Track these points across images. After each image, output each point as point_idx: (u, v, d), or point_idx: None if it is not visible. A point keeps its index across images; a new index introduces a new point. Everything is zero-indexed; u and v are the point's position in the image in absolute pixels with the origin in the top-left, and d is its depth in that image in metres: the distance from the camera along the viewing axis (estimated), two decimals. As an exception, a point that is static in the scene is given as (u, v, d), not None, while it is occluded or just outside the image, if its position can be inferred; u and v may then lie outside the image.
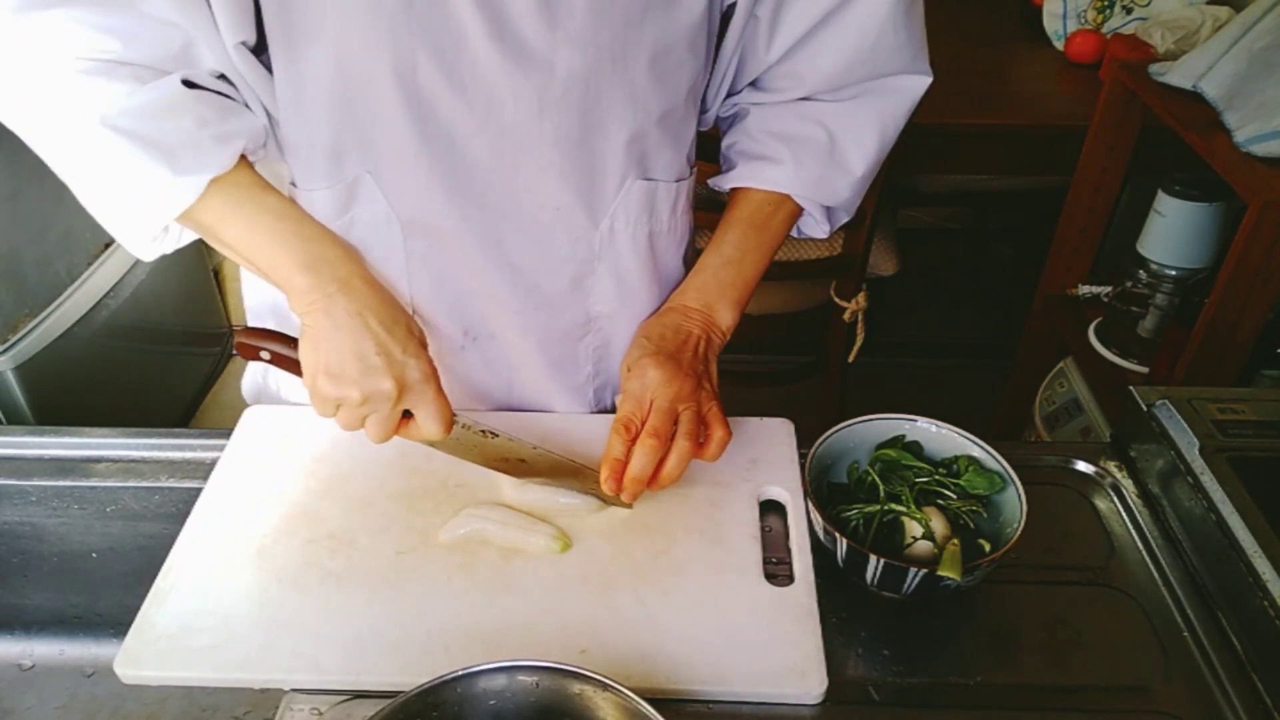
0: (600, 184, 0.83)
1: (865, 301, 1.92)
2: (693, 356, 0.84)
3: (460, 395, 0.95)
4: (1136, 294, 1.62)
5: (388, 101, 0.74)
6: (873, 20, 0.82)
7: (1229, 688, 0.70)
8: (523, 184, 0.81)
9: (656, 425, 0.78)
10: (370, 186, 0.80)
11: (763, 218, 0.90)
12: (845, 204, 0.93)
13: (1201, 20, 1.79)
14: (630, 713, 0.59)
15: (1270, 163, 1.24)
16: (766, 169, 0.89)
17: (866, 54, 0.84)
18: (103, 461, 0.89)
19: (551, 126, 0.77)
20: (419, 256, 0.84)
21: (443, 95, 0.75)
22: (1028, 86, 1.99)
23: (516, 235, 0.84)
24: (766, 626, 0.72)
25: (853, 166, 0.89)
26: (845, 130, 0.88)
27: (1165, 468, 0.84)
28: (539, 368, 0.93)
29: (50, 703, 0.83)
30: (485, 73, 0.74)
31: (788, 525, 0.81)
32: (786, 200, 0.90)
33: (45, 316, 1.87)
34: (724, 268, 0.89)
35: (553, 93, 0.76)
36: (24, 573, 0.90)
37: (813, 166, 0.88)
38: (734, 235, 0.90)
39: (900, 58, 0.85)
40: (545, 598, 0.74)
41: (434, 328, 0.89)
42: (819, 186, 0.89)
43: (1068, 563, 0.81)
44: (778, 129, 0.89)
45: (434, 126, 0.76)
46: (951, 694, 0.70)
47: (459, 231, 0.83)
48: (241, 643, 0.71)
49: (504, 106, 0.76)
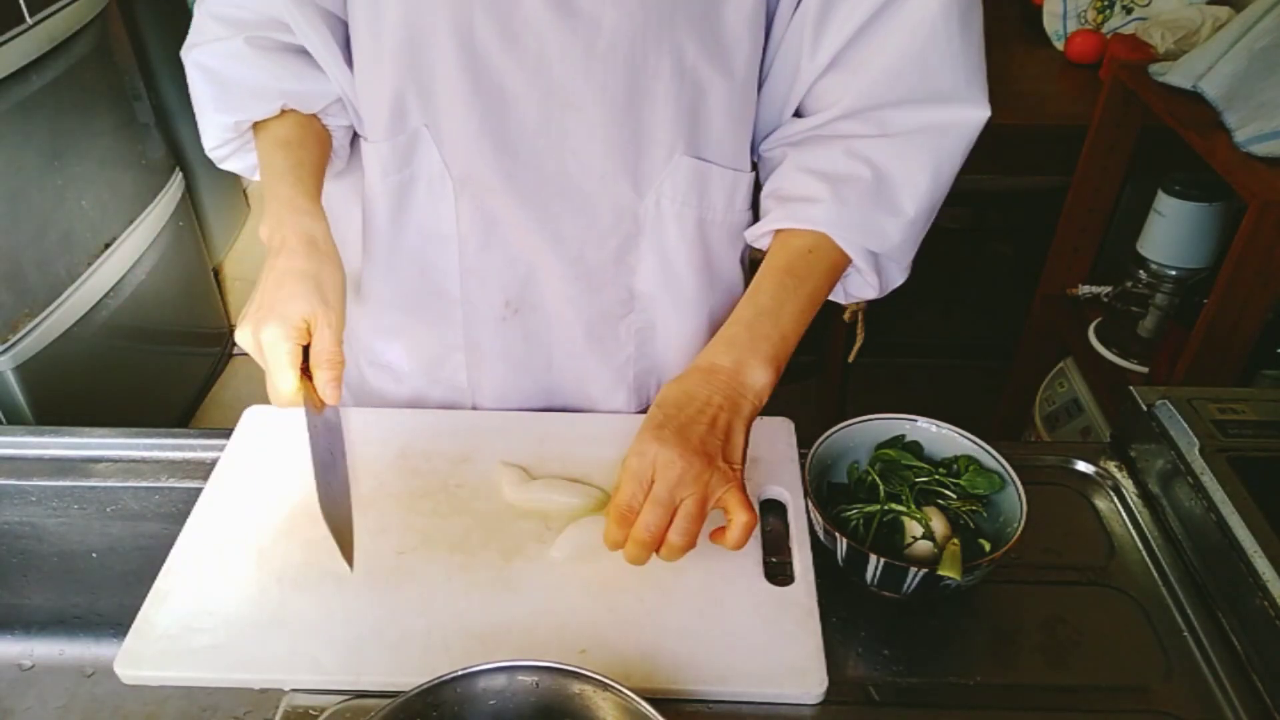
0: (647, 154, 0.83)
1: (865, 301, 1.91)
2: (707, 430, 0.73)
3: (502, 372, 0.95)
4: (1136, 294, 1.62)
5: (446, 55, 0.78)
6: (923, 20, 0.76)
7: (1229, 688, 0.70)
8: (569, 148, 0.82)
9: (650, 521, 0.70)
10: (427, 141, 0.83)
11: (803, 266, 0.81)
12: (895, 252, 0.83)
13: (1201, 20, 1.79)
14: (630, 713, 0.59)
15: (1270, 163, 1.24)
16: (804, 207, 0.81)
17: (916, 58, 0.77)
18: (103, 461, 0.89)
19: (598, 85, 0.78)
20: (468, 216, 0.86)
21: (496, 50, 0.77)
22: (1028, 86, 1.99)
23: (561, 201, 0.85)
24: (766, 626, 0.72)
25: (903, 206, 0.80)
26: (895, 167, 0.80)
27: (1165, 468, 0.84)
28: (579, 344, 0.93)
29: (50, 703, 0.83)
30: (536, 27, 0.76)
31: (788, 525, 0.81)
32: (827, 243, 0.81)
33: (45, 316, 1.87)
34: (758, 319, 0.79)
35: (598, 49, 0.77)
36: (24, 573, 0.90)
37: (856, 205, 0.80)
38: (770, 284, 0.81)
39: (953, 74, 0.78)
40: (545, 598, 0.74)
41: (477, 299, 0.91)
42: (864, 228, 0.80)
43: (1068, 563, 0.81)
44: (818, 166, 0.82)
45: (487, 81, 0.79)
46: (951, 694, 0.70)
47: (506, 192, 0.84)
48: (241, 643, 0.71)
49: (552, 63, 0.77)
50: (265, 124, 0.86)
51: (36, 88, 1.83)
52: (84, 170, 1.97)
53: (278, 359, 0.74)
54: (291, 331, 0.74)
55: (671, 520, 0.70)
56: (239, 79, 0.84)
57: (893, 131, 0.80)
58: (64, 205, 1.91)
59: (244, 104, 0.84)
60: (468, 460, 0.86)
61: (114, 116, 2.10)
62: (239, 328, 0.77)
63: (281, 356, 0.74)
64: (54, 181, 1.88)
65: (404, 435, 0.89)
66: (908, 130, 0.80)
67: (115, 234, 2.08)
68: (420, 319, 0.94)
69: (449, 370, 0.97)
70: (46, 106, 1.86)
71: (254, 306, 0.77)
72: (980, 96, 0.80)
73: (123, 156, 2.13)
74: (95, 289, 2.02)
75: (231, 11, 0.85)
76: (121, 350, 2.15)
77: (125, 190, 2.13)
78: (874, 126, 0.80)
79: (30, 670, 0.87)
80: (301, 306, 0.75)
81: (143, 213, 2.19)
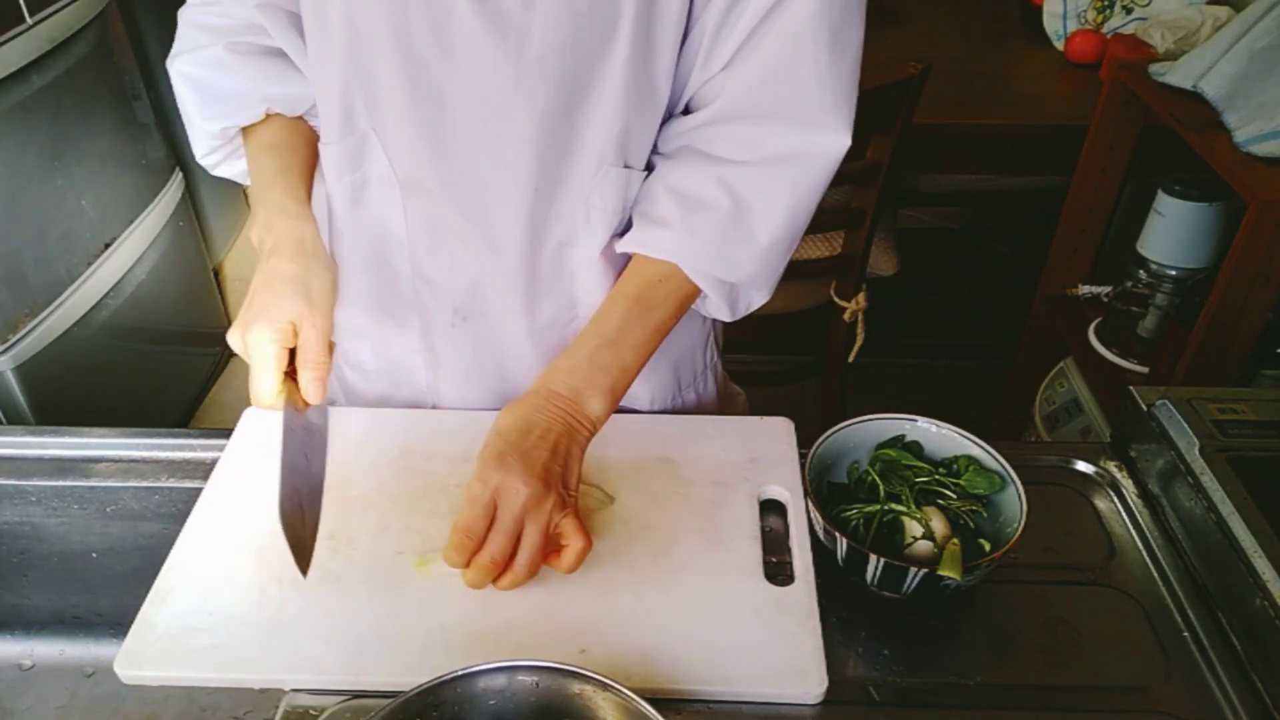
0: (578, 165, 0.83)
1: (865, 301, 1.91)
2: (550, 457, 0.74)
3: (457, 378, 0.96)
4: (1136, 294, 1.62)
5: (386, 58, 0.78)
6: (792, 31, 0.76)
7: (1229, 688, 0.70)
8: (504, 158, 0.82)
9: (495, 550, 0.71)
10: (375, 144, 0.84)
11: (652, 295, 0.82)
12: (751, 279, 0.84)
13: (1201, 20, 1.79)
14: (630, 713, 0.59)
15: (1270, 163, 1.24)
16: (658, 234, 0.82)
17: (786, 69, 0.77)
18: (103, 461, 0.89)
19: (528, 97, 0.78)
20: (417, 221, 0.87)
21: (433, 56, 0.78)
22: (1028, 86, 1.99)
23: (500, 210, 0.85)
24: (766, 626, 0.72)
25: (758, 235, 0.81)
26: (754, 195, 0.80)
27: (1165, 468, 0.84)
28: (529, 352, 0.94)
29: (50, 703, 0.83)
30: (468, 35, 0.76)
31: (788, 525, 0.81)
32: (678, 274, 0.82)
33: (45, 316, 1.87)
34: (601, 350, 0.80)
35: (528, 59, 0.77)
36: (24, 573, 0.90)
37: (710, 236, 0.81)
38: (617, 313, 0.82)
39: (818, 94, 0.78)
40: (545, 598, 0.74)
41: (429, 305, 0.92)
42: (717, 258, 0.82)
43: (1068, 563, 0.81)
44: (680, 187, 0.82)
45: (425, 87, 0.79)
46: (951, 694, 0.70)
47: (448, 199, 0.85)
48: (241, 643, 0.71)
49: (484, 71, 0.78)
50: (253, 129, 0.88)
51: (36, 88, 1.83)
52: (84, 170, 1.97)
53: (261, 360, 0.75)
54: (276, 334, 0.75)
55: (515, 548, 0.72)
56: (221, 86, 0.85)
57: (758, 157, 0.80)
58: (64, 205, 1.91)
59: (228, 110, 0.86)
60: (468, 460, 0.86)
61: (114, 116, 2.10)
62: (230, 331, 0.78)
63: (265, 358, 0.75)
64: (54, 181, 1.88)
65: (404, 435, 0.89)
66: (771, 157, 0.80)
67: (115, 234, 2.07)
68: (383, 321, 0.95)
69: (409, 373, 0.98)
70: (46, 106, 1.86)
71: (244, 309, 0.78)
72: (843, 125, 0.79)
73: (123, 156, 2.13)
74: (95, 289, 2.02)
75: (212, 20, 0.86)
76: (121, 350, 2.15)
77: (125, 190, 2.13)
78: (742, 148, 0.81)
79: (30, 670, 0.87)
80: (287, 308, 0.76)
81: (143, 213, 2.18)
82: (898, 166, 1.68)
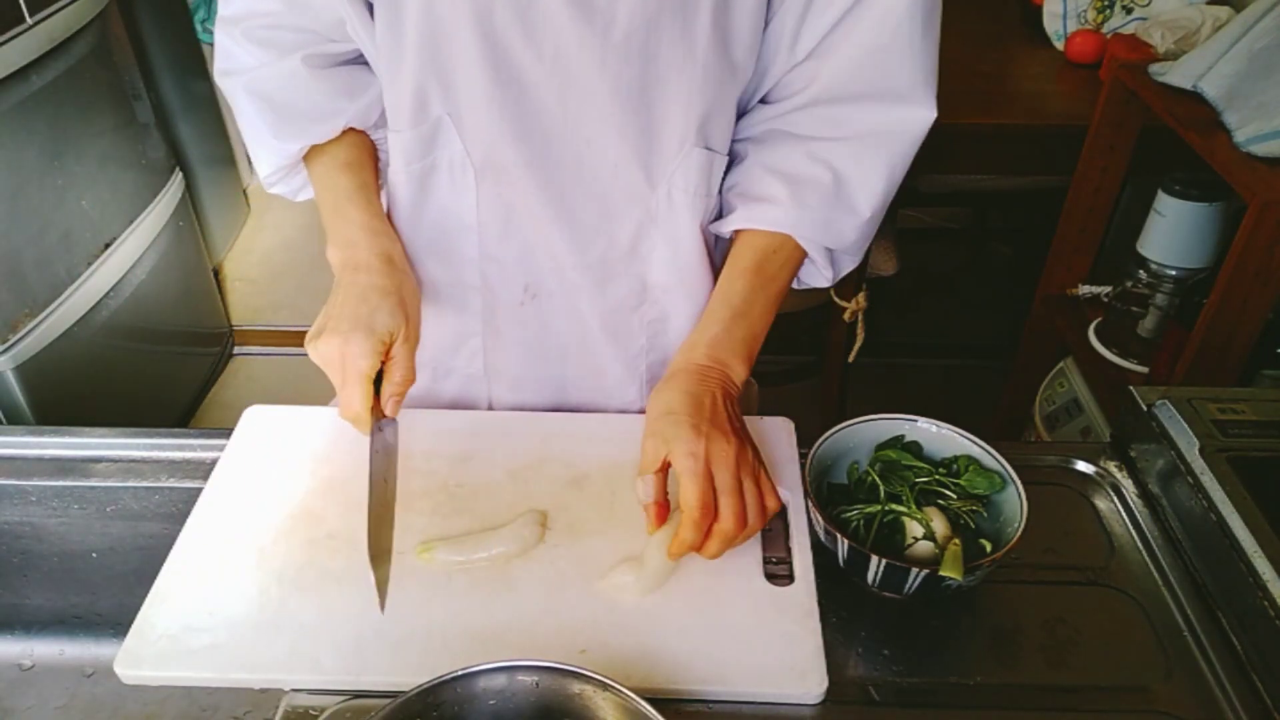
0: (659, 145, 0.84)
1: (865, 301, 1.91)
2: (729, 418, 0.78)
3: (519, 359, 0.96)
4: (1136, 294, 1.62)
5: (467, 45, 0.79)
6: (889, 18, 0.79)
7: (1229, 688, 0.70)
8: (585, 137, 0.83)
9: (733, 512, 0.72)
10: (449, 129, 0.84)
11: (769, 266, 0.86)
12: (851, 247, 0.89)
13: (1201, 20, 1.79)
14: (630, 713, 0.59)
15: (1270, 163, 1.24)
16: (767, 210, 0.85)
17: (880, 55, 0.81)
18: (103, 461, 0.89)
19: (612, 77, 0.79)
20: (489, 202, 0.88)
21: (516, 41, 0.78)
22: (1028, 86, 1.99)
23: (578, 189, 0.86)
24: (766, 626, 0.72)
25: (860, 208, 0.85)
26: (852, 170, 0.84)
27: (1165, 468, 0.84)
28: (594, 334, 0.94)
29: (50, 703, 0.83)
30: (553, 19, 0.77)
31: (788, 525, 0.81)
32: (789, 244, 0.86)
33: (45, 316, 1.87)
34: (735, 322, 0.84)
35: (613, 41, 0.78)
36: (24, 573, 0.90)
37: (817, 207, 0.84)
38: (741, 286, 0.85)
39: (909, 73, 0.82)
40: (545, 598, 0.74)
41: (496, 285, 0.92)
42: (824, 228, 0.85)
43: (1068, 563, 0.81)
44: (780, 167, 0.86)
45: (507, 72, 0.80)
46: (951, 694, 0.71)
47: (525, 179, 0.85)
48: (241, 643, 0.71)
49: (568, 54, 0.79)
50: (321, 147, 0.88)
51: (36, 88, 1.83)
52: (84, 170, 1.97)
53: (358, 372, 0.76)
54: (378, 345, 0.77)
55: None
56: (297, 103, 0.85)
57: (849, 133, 0.84)
58: (64, 205, 1.91)
59: (305, 129, 0.86)
60: (468, 460, 0.86)
61: (114, 116, 2.10)
62: (310, 343, 0.78)
63: (362, 370, 0.76)
64: (54, 181, 1.88)
65: (404, 435, 0.89)
66: (863, 133, 0.84)
67: (115, 234, 2.07)
68: (437, 307, 0.95)
69: (464, 358, 0.98)
70: (46, 106, 1.86)
71: (329, 320, 0.78)
72: (930, 99, 0.84)
73: (123, 156, 2.13)
74: (95, 289, 2.02)
75: (269, 34, 0.86)
76: (121, 350, 2.14)
77: (125, 190, 2.13)
78: (831, 126, 0.84)
79: (30, 670, 0.87)
80: (388, 321, 0.78)
81: (143, 213, 2.18)
82: (898, 166, 1.68)
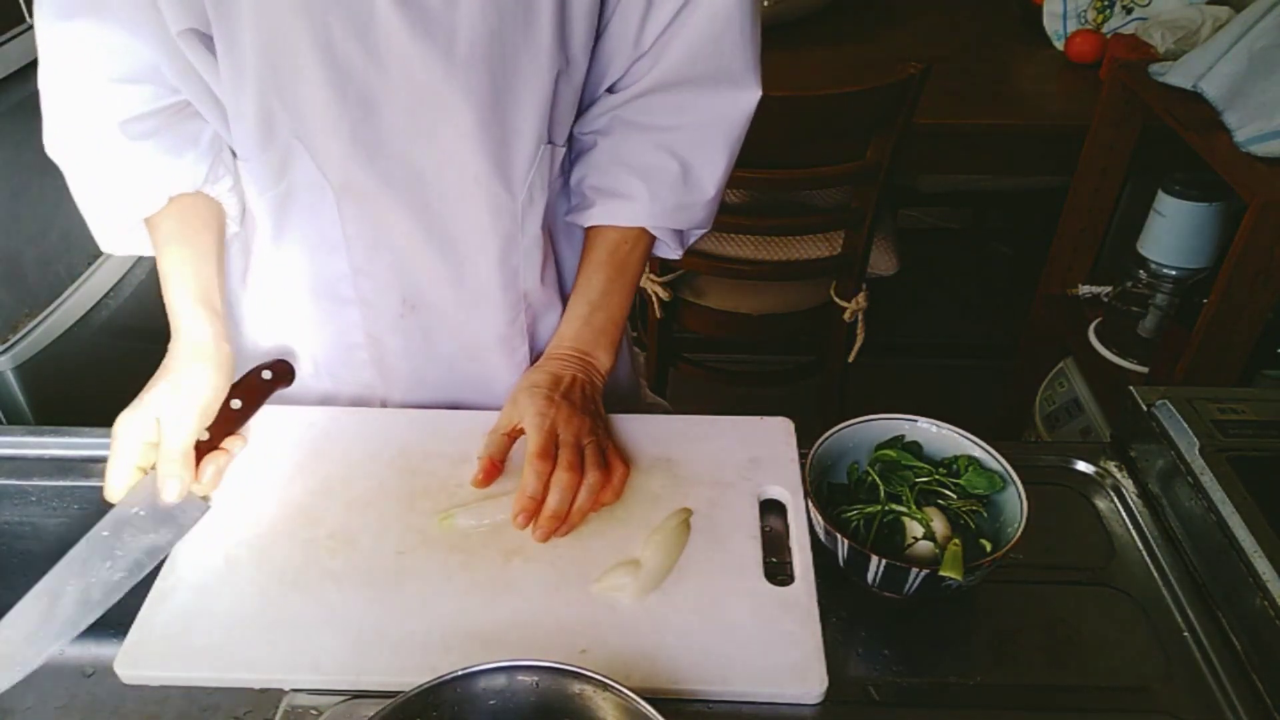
0: (515, 149, 0.84)
1: (865, 301, 1.92)
2: (583, 396, 0.87)
3: (407, 369, 0.96)
4: (1136, 294, 1.62)
5: (308, 68, 0.77)
6: (721, 9, 0.84)
7: (1229, 688, 0.70)
8: (441, 150, 0.83)
9: (570, 459, 0.79)
10: (300, 153, 0.83)
11: (622, 257, 0.93)
12: (701, 224, 0.95)
13: (1201, 20, 1.79)
14: (630, 713, 0.59)
15: (1270, 163, 1.24)
16: (624, 207, 0.91)
17: (713, 43, 0.85)
18: (103, 461, 0.89)
19: (462, 90, 0.79)
20: (354, 222, 0.87)
21: (358, 61, 0.77)
22: (1028, 86, 1.99)
23: (441, 204, 0.86)
24: (766, 626, 0.72)
25: (706, 188, 0.92)
26: (697, 156, 0.90)
27: (1165, 468, 0.84)
28: (479, 343, 0.95)
29: (50, 703, 0.83)
30: (394, 37, 0.76)
31: (788, 525, 0.81)
32: (643, 234, 0.93)
33: (45, 316, 1.87)
34: (594, 314, 0.92)
35: (459, 54, 0.77)
36: (24, 573, 0.89)
37: (668, 197, 0.91)
38: (599, 279, 0.93)
39: (740, 58, 0.87)
40: (545, 598, 0.74)
41: (373, 298, 0.92)
42: (675, 214, 0.92)
43: (1068, 563, 0.81)
44: (630, 160, 0.90)
45: (353, 91, 0.79)
46: (951, 694, 0.70)
47: (386, 197, 0.85)
48: (241, 643, 0.71)
49: (415, 72, 0.78)
50: (152, 217, 0.86)
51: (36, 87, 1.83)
52: (84, 170, 1.97)
53: (117, 450, 0.77)
54: (137, 427, 0.77)
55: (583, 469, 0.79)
56: (122, 177, 0.85)
57: (690, 121, 0.90)
58: (64, 205, 1.89)
59: (132, 203, 0.85)
60: (468, 460, 0.86)
61: (114, 116, 2.09)
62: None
63: (120, 449, 0.77)
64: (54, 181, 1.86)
65: (404, 435, 0.89)
66: (703, 120, 0.90)
67: (115, 234, 2.07)
68: (315, 322, 0.95)
69: (353, 369, 0.98)
70: (46, 106, 1.85)
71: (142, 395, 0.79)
72: (757, 80, 0.90)
73: (123, 156, 2.13)
74: (95, 289, 2.01)
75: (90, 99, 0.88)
76: (121, 350, 2.14)
77: (125, 190, 2.13)
78: (674, 113, 0.89)
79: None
80: (153, 405, 0.78)
81: (143, 213, 2.18)
82: (898, 166, 1.68)
